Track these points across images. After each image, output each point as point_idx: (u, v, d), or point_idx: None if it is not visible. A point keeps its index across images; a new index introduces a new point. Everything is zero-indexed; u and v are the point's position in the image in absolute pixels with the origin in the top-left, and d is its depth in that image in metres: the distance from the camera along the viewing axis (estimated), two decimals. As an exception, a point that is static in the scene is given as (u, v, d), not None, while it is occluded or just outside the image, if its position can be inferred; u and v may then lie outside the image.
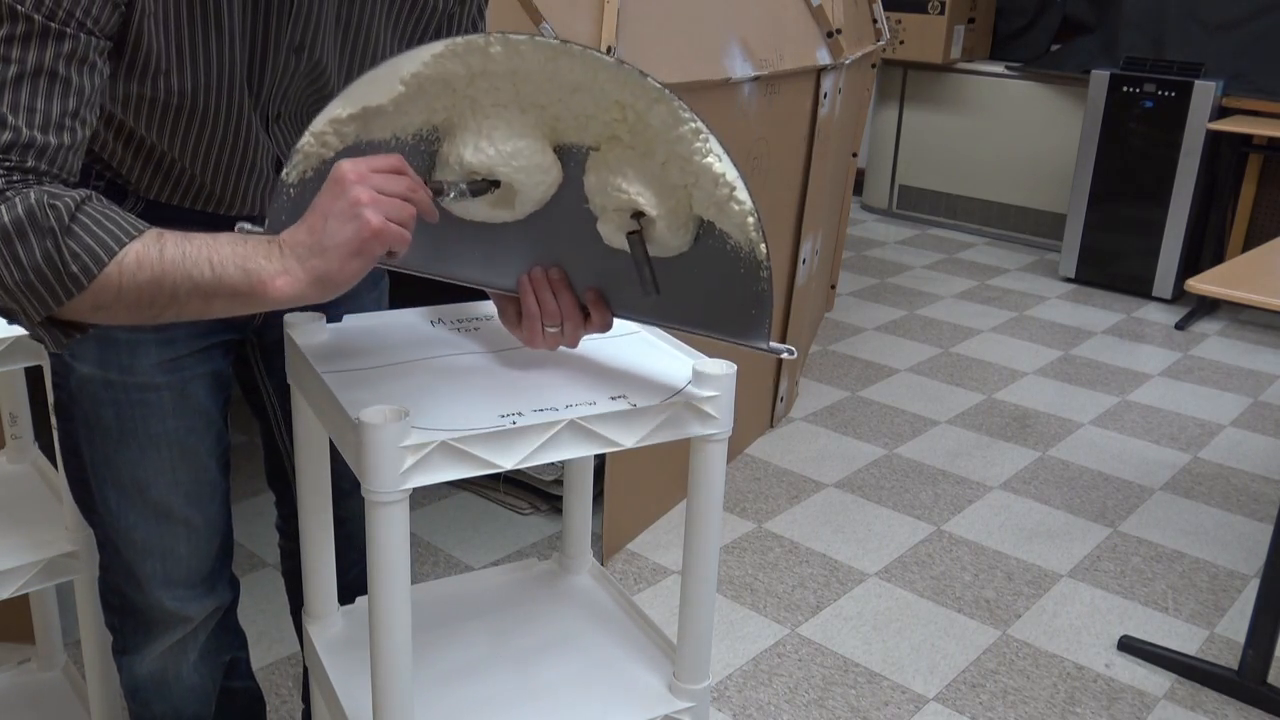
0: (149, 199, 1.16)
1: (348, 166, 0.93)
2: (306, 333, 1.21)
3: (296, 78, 1.11)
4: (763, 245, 1.04)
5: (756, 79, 2.55)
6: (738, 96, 2.53)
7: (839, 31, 2.91)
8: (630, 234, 1.08)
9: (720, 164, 1.02)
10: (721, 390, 1.10)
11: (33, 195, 0.89)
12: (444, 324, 1.27)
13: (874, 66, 4.17)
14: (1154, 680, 2.19)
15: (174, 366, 1.22)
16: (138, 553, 1.27)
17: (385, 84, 1.00)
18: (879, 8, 3.80)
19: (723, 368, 1.11)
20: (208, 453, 1.27)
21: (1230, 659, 2.22)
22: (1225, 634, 2.34)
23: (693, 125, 1.01)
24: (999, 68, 5.27)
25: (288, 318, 1.24)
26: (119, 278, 0.91)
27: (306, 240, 0.93)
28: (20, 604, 1.88)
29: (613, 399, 1.08)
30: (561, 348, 1.18)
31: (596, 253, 1.12)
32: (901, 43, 5.29)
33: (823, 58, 2.85)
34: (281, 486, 1.47)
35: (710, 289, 1.09)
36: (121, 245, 0.90)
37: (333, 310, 1.28)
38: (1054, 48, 5.31)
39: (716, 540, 1.18)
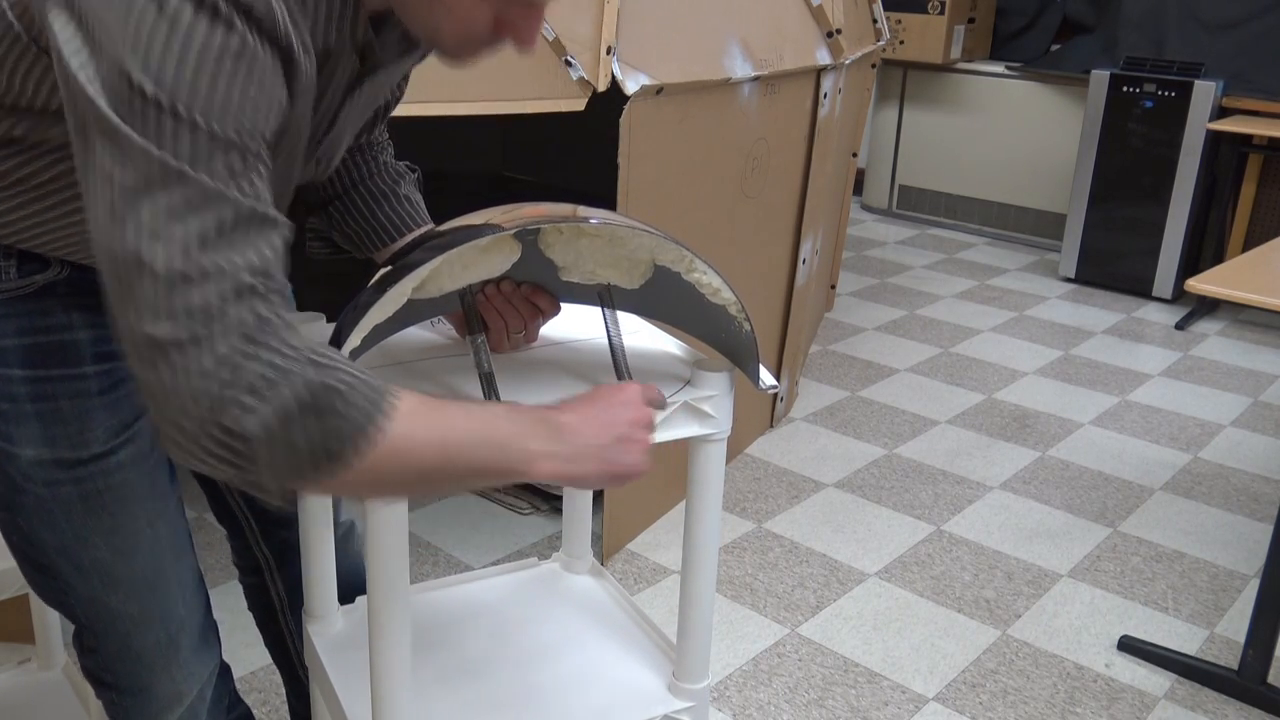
0: (73, 262, 1.07)
1: (648, 401, 1.02)
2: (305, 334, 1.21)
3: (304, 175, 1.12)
4: (747, 325, 1.10)
5: (756, 79, 2.55)
6: (738, 96, 2.53)
7: (839, 31, 2.91)
8: (600, 291, 1.15)
9: (706, 276, 1.08)
10: (720, 390, 1.10)
11: (310, 372, 0.82)
12: (443, 323, 1.27)
13: (874, 66, 4.17)
14: (1154, 680, 2.19)
15: (123, 427, 1.12)
16: (134, 625, 1.19)
17: (394, 302, 1.05)
18: (879, 8, 3.80)
19: (721, 368, 1.11)
20: (176, 502, 1.21)
21: (1230, 659, 2.22)
22: (1225, 634, 2.34)
23: (679, 251, 1.07)
24: (999, 68, 5.26)
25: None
26: (406, 454, 0.86)
27: (592, 442, 0.95)
28: (20, 604, 1.87)
29: None
30: (562, 347, 1.19)
31: (546, 271, 1.15)
32: (901, 43, 5.29)
33: (823, 58, 2.85)
34: (231, 523, 1.41)
35: (702, 316, 1.14)
36: (382, 414, 0.84)
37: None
38: (1054, 48, 5.31)
39: (716, 540, 1.18)
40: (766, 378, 1.12)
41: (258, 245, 0.82)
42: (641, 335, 1.26)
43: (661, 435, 1.09)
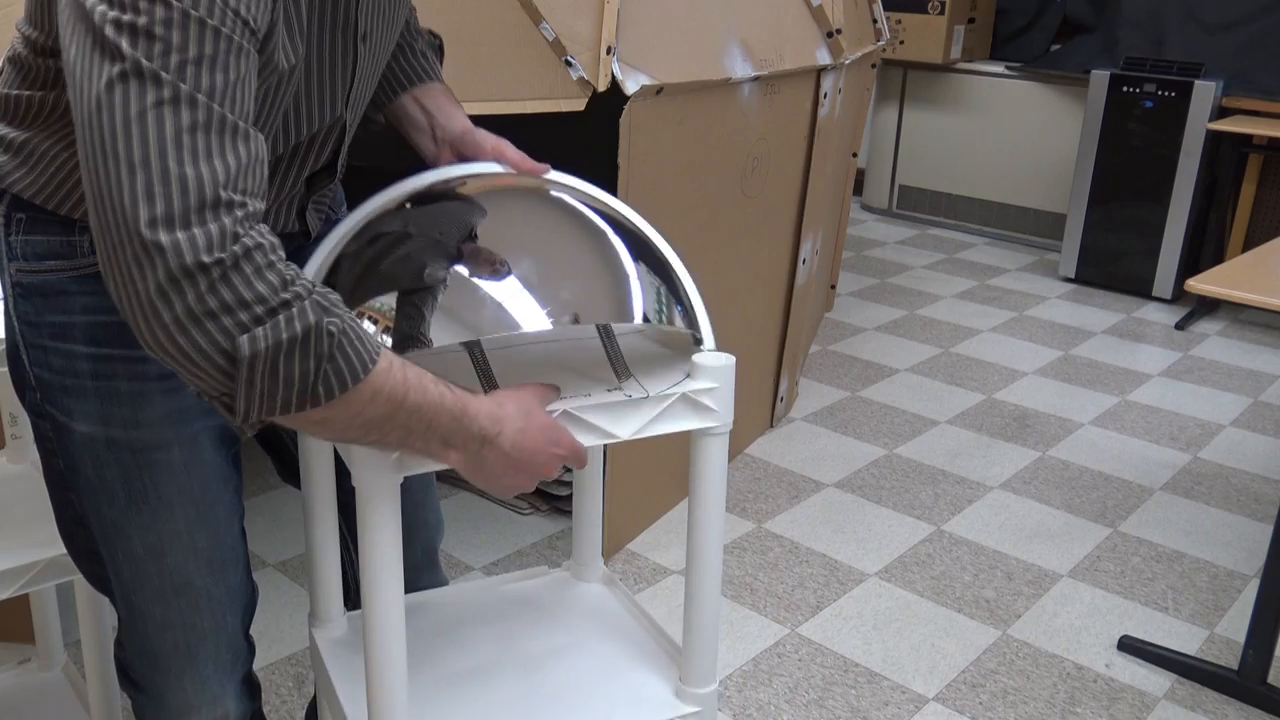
0: None
1: (566, 442, 1.04)
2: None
3: (362, 67, 1.11)
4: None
5: (756, 79, 2.55)
6: (738, 96, 2.53)
7: (839, 31, 2.91)
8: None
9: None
10: (720, 382, 1.09)
11: (311, 313, 0.85)
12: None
13: (874, 66, 4.17)
14: (1154, 680, 2.19)
15: (181, 418, 1.12)
16: (156, 627, 1.19)
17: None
18: (879, 8, 3.80)
19: (721, 360, 1.10)
20: (226, 513, 1.19)
21: (1230, 659, 2.22)
22: (1225, 634, 2.34)
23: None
24: (999, 68, 5.26)
25: None
26: (362, 404, 0.90)
27: (502, 460, 1.00)
28: (20, 604, 1.88)
29: (609, 390, 1.07)
30: (557, 344, 1.19)
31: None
32: (901, 43, 5.29)
33: (823, 58, 2.85)
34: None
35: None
36: (367, 371, 0.89)
37: None
38: (1054, 48, 5.31)
39: (719, 540, 1.17)
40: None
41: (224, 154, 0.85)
42: (638, 325, 1.26)
43: (661, 428, 1.08)
